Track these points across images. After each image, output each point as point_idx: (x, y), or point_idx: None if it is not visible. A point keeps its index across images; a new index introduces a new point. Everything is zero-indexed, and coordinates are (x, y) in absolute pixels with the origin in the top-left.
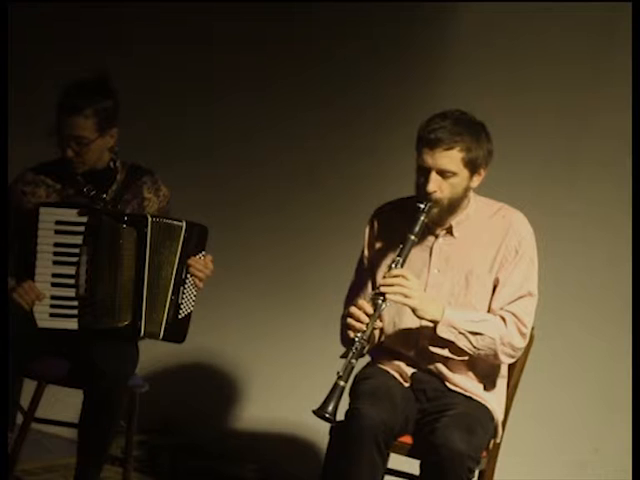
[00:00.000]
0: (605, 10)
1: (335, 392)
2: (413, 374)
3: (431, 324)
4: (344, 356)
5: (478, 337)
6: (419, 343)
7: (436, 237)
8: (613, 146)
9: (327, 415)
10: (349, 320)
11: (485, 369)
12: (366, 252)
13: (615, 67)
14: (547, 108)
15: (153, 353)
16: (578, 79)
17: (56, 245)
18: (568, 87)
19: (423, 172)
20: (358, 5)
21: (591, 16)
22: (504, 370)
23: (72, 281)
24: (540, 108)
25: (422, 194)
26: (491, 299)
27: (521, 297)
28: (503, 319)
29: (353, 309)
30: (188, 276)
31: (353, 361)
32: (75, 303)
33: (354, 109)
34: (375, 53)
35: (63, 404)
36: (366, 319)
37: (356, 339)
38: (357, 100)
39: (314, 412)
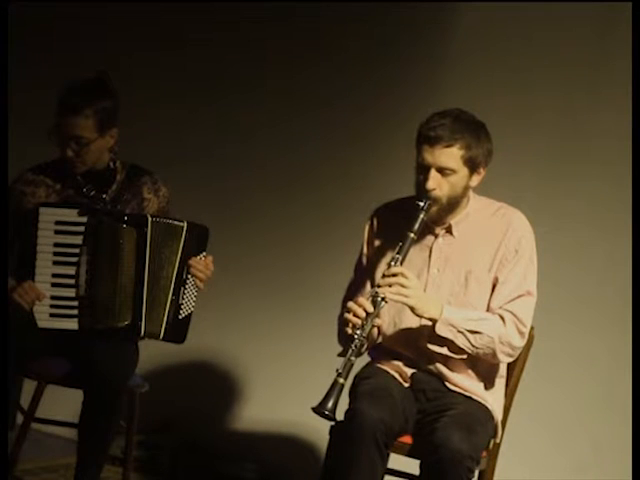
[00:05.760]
0: (605, 10)
1: (334, 389)
2: (413, 374)
3: (430, 323)
4: (342, 354)
5: (477, 336)
6: (419, 343)
7: (436, 237)
8: (613, 146)
9: (326, 412)
10: (346, 315)
11: (485, 369)
12: (365, 250)
13: (615, 67)
14: (547, 108)
15: (153, 353)
16: (578, 79)
17: (56, 245)
18: (568, 87)
19: (423, 170)
20: (358, 5)
21: (591, 16)
22: (503, 370)
23: (72, 281)
24: (540, 108)
25: (421, 192)
26: (490, 298)
27: (520, 296)
28: (502, 318)
29: (351, 304)
30: (189, 276)
31: (352, 359)
32: (75, 303)
33: (354, 109)
34: (375, 53)
35: (63, 404)
36: (363, 314)
37: (355, 336)
38: (357, 100)
39: (313, 409)
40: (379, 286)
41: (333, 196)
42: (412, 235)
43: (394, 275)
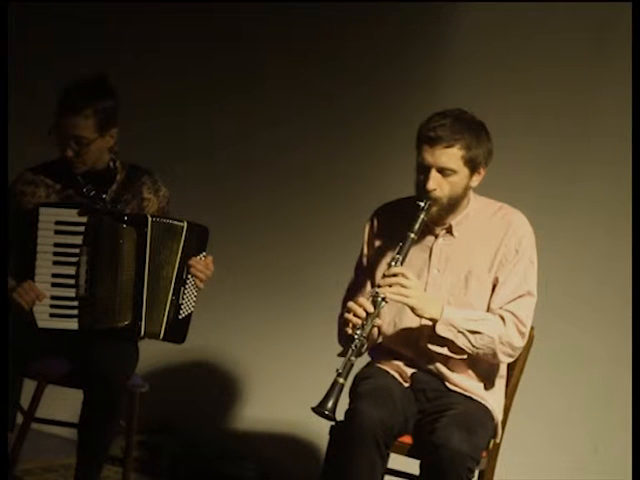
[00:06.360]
0: (605, 10)
1: (334, 389)
2: (413, 374)
3: (430, 323)
4: (342, 354)
5: (477, 336)
6: (419, 343)
7: (436, 237)
8: (613, 146)
9: (326, 412)
10: (347, 315)
11: (485, 369)
12: (365, 250)
13: (615, 67)
14: (547, 108)
15: (153, 353)
16: (578, 79)
17: (56, 245)
18: (568, 87)
19: (423, 170)
20: (358, 5)
21: (591, 16)
22: (503, 370)
23: (72, 281)
24: (540, 108)
25: (422, 192)
26: (490, 298)
27: (520, 296)
28: (502, 318)
29: (351, 304)
30: (189, 276)
31: (352, 359)
32: (75, 303)
33: (354, 109)
34: (375, 53)
35: (63, 404)
36: (363, 314)
37: (355, 336)
38: (357, 100)
39: (313, 409)
40: (379, 286)
41: (333, 196)
42: (412, 235)
43: (394, 275)
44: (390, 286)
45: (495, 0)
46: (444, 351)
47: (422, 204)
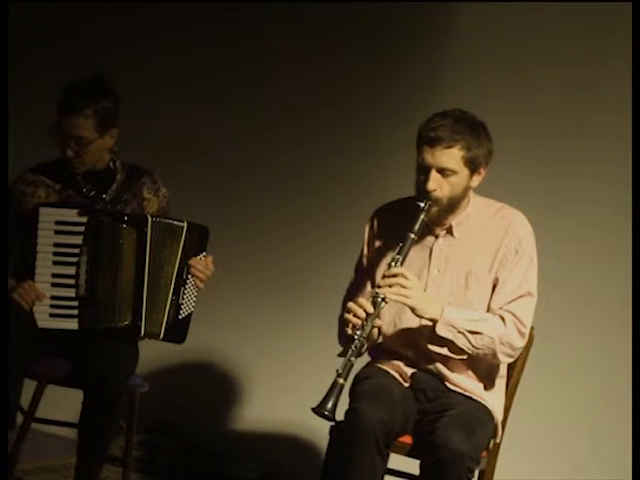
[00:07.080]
0: (604, 10)
1: (334, 390)
2: (413, 374)
3: (430, 323)
4: (342, 354)
5: (477, 336)
6: (419, 343)
7: (436, 237)
8: (613, 146)
9: (326, 413)
10: (347, 315)
11: (485, 369)
12: (365, 251)
13: (615, 67)
14: (547, 108)
15: (153, 353)
16: (578, 79)
17: (56, 245)
18: (568, 87)
19: (423, 170)
20: (359, 5)
21: (591, 16)
22: (503, 370)
23: (72, 281)
24: (540, 108)
25: (422, 192)
26: (490, 299)
27: (520, 297)
28: (502, 319)
29: (351, 304)
30: (189, 276)
31: (352, 359)
32: (75, 303)
33: (354, 109)
34: (375, 53)
35: (63, 404)
36: (363, 314)
37: (355, 337)
38: (357, 100)
39: (313, 410)
40: (379, 286)
41: (333, 196)
42: (412, 236)
43: (394, 275)
44: (390, 286)
45: (495, 0)
46: (444, 351)
47: (422, 204)
